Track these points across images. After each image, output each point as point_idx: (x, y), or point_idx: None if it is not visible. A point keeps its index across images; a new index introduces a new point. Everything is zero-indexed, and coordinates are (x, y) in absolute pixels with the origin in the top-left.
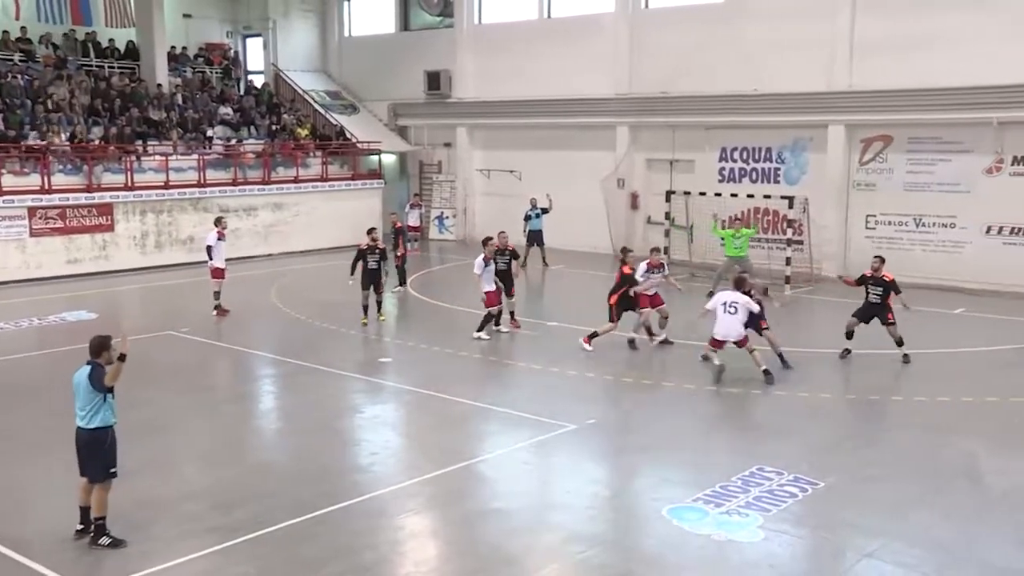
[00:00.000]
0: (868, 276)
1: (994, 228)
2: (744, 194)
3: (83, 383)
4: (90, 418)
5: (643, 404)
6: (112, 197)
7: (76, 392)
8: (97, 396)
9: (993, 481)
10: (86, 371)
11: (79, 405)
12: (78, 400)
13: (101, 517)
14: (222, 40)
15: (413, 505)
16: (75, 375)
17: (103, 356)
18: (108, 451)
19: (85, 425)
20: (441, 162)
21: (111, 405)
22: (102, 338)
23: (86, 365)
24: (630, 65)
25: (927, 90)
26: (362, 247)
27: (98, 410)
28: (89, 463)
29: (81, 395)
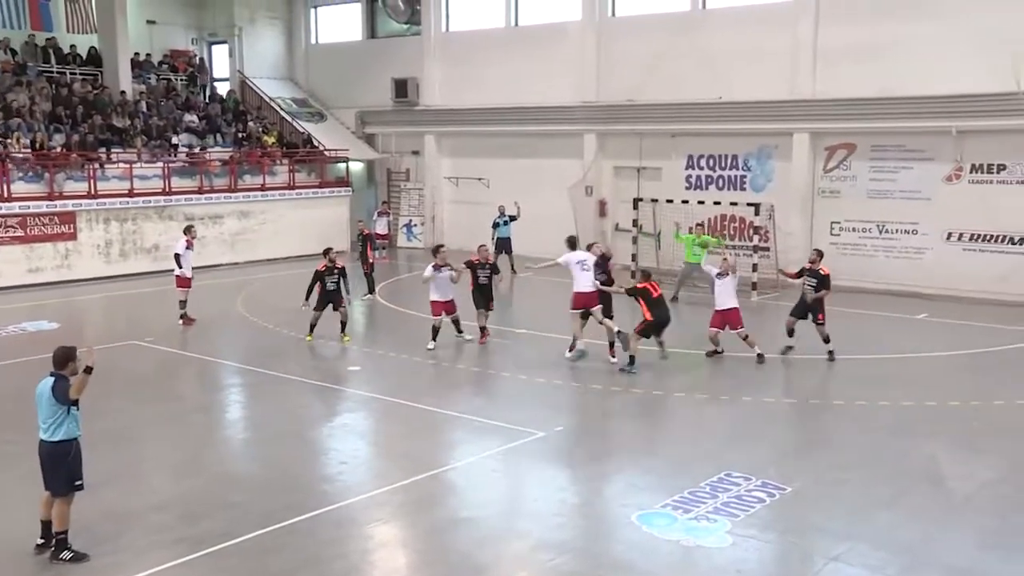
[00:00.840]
0: (806, 268)
1: (954, 235)
2: (711, 201)
3: (46, 395)
4: (53, 430)
5: (611, 411)
6: (75, 205)
7: (39, 404)
8: (60, 408)
9: (956, 484)
10: (49, 383)
11: (42, 417)
12: (41, 412)
13: (63, 531)
14: (187, 47)
15: (382, 514)
16: (38, 387)
17: (68, 368)
18: (72, 464)
19: (48, 438)
20: (409, 170)
21: (75, 417)
22: (66, 349)
23: (49, 376)
24: (597, 73)
25: (889, 99)
26: (320, 269)
27: (61, 422)
28: (52, 476)
29: (44, 407)
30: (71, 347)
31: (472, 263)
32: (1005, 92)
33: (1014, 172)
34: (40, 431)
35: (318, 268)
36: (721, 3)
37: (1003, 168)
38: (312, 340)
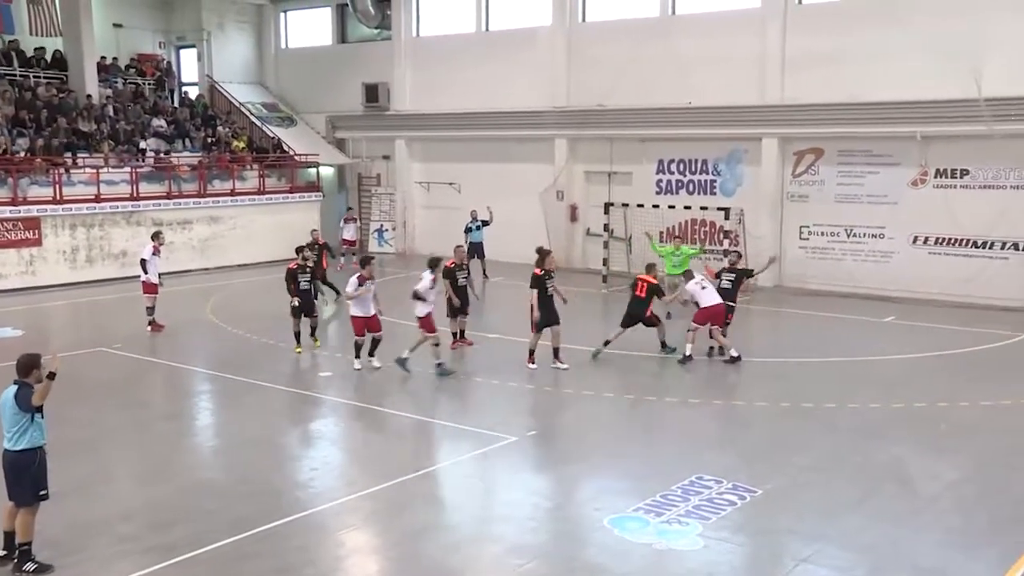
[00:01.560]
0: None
1: (920, 238)
2: (681, 205)
3: (9, 403)
4: (17, 439)
5: (583, 415)
6: (39, 211)
7: (2, 413)
8: (24, 416)
9: (922, 485)
10: (12, 391)
11: (5, 426)
12: (4, 421)
13: (27, 543)
14: (155, 51)
15: (354, 520)
16: (1, 396)
17: (32, 375)
18: (36, 473)
19: (12, 447)
20: (380, 175)
21: (40, 425)
22: (30, 356)
23: (13, 385)
24: (567, 78)
25: (855, 105)
26: (291, 267)
27: (25, 431)
28: (16, 486)
29: (7, 415)
30: (35, 354)
31: (450, 267)
32: (967, 99)
33: (977, 177)
34: (4, 440)
35: (290, 267)
36: (690, 9)
37: (966, 173)
38: (301, 350)
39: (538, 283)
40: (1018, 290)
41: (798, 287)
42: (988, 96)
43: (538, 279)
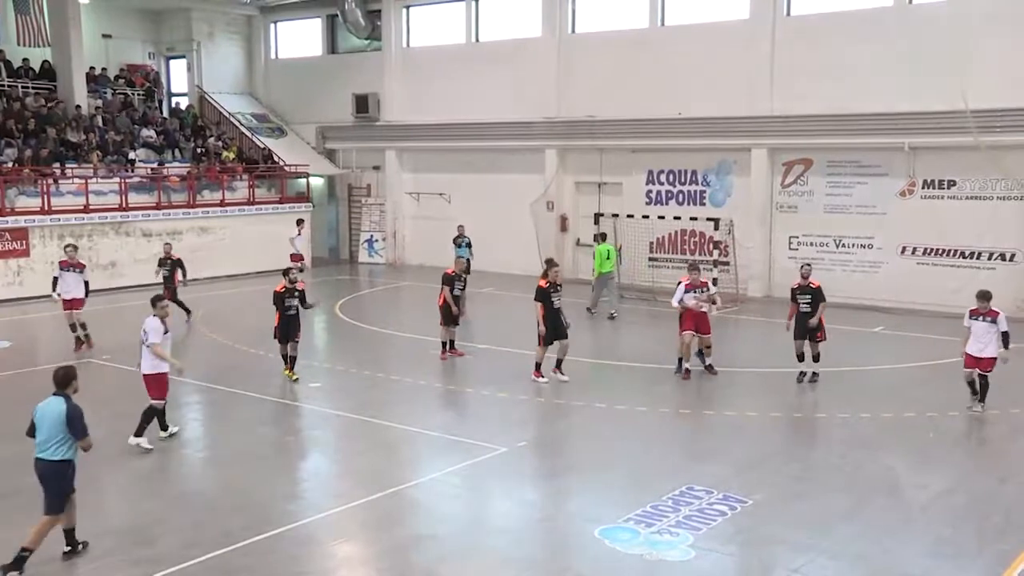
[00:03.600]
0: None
1: (908, 248)
2: (671, 216)
3: (56, 418)
4: (55, 449)
5: (574, 426)
6: (27, 221)
7: (40, 423)
8: (65, 431)
9: (912, 494)
10: (58, 407)
11: (43, 436)
12: (42, 431)
13: (30, 551)
14: (144, 61)
15: (344, 532)
16: (41, 406)
17: (70, 387)
18: (68, 483)
19: (49, 457)
20: (370, 185)
21: (73, 443)
22: (68, 368)
23: (53, 397)
24: (557, 89)
25: (844, 116)
26: (278, 290)
27: (62, 443)
28: (47, 494)
29: (48, 426)
30: (71, 366)
31: (449, 275)
32: (954, 111)
33: (964, 188)
34: (38, 450)
35: (276, 290)
36: (680, 20)
37: (953, 184)
38: (294, 375)
39: (543, 296)
40: (1005, 300)
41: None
42: (975, 108)
43: (543, 291)
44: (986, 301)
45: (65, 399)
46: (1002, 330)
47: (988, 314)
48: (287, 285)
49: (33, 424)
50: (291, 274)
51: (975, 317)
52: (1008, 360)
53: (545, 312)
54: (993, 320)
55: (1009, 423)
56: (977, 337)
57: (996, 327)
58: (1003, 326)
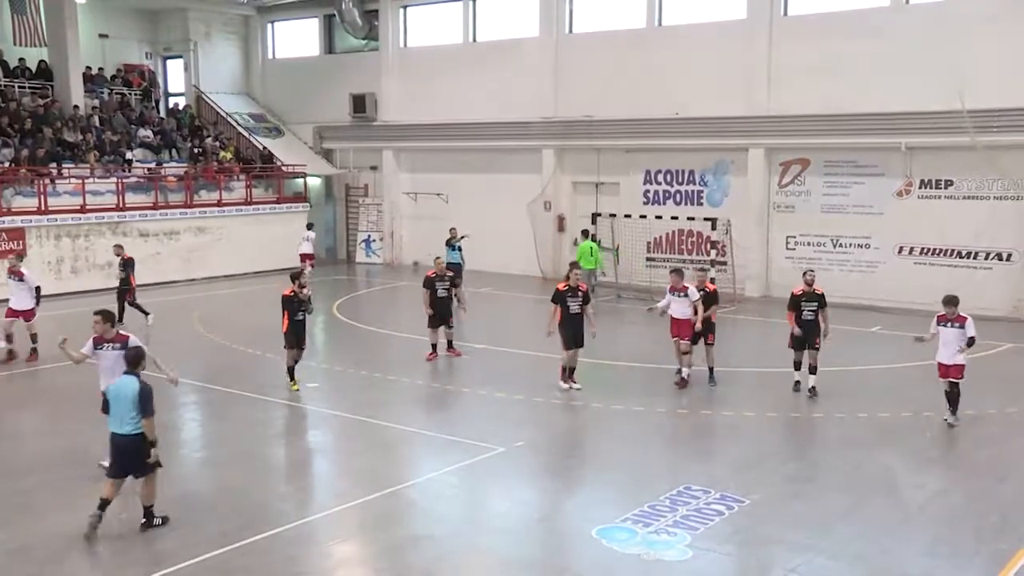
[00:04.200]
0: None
1: (905, 248)
2: (668, 216)
3: (129, 396)
4: (134, 425)
5: (571, 425)
6: (24, 221)
7: (115, 401)
8: (136, 410)
9: (909, 494)
10: (132, 386)
11: (119, 413)
12: (118, 408)
13: (151, 505)
14: (141, 61)
15: (341, 532)
16: (114, 385)
17: (140, 366)
18: (144, 450)
19: (129, 431)
20: (367, 185)
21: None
22: (138, 349)
23: (125, 375)
24: (555, 89)
25: (841, 116)
26: (287, 294)
27: (137, 418)
28: (134, 463)
29: (125, 405)
30: (141, 347)
31: (430, 277)
32: (950, 110)
33: (960, 188)
34: (115, 426)
35: (284, 294)
36: (676, 20)
37: (950, 184)
38: (295, 386)
39: (558, 298)
40: (1002, 300)
41: (785, 297)
42: (971, 108)
43: (559, 294)
44: (954, 307)
45: (137, 378)
46: (969, 335)
47: (956, 320)
48: (295, 290)
49: (107, 401)
50: (301, 278)
51: (943, 324)
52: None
53: (562, 316)
54: (962, 326)
55: (1006, 423)
56: (947, 344)
57: (964, 332)
58: (971, 331)
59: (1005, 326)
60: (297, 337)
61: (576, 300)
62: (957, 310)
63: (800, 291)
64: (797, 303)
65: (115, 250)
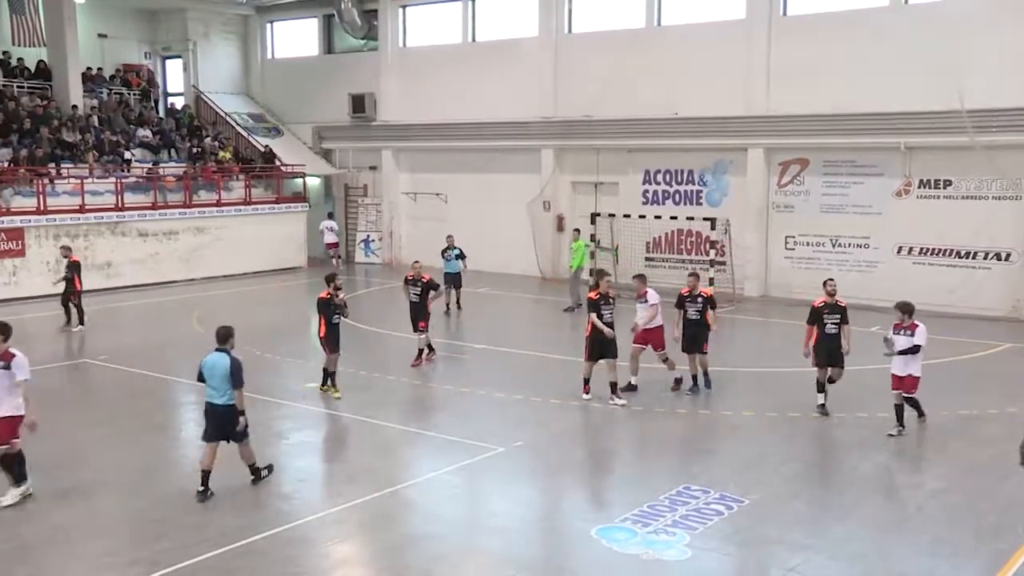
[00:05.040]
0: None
1: (904, 248)
2: (667, 216)
3: (221, 369)
4: (228, 396)
5: (571, 426)
6: (23, 221)
7: (210, 374)
8: (229, 383)
9: (908, 494)
10: (224, 360)
11: (214, 385)
12: (213, 381)
13: (254, 463)
14: (140, 61)
15: (340, 532)
16: (207, 360)
17: (229, 343)
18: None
19: (224, 401)
20: (367, 185)
21: None
22: (227, 327)
23: (216, 352)
24: (554, 89)
25: (840, 115)
26: (323, 297)
27: (230, 389)
28: (228, 429)
29: (217, 378)
30: (230, 325)
31: (406, 279)
32: (950, 110)
33: (959, 188)
34: (211, 397)
35: (321, 297)
36: (676, 20)
37: (949, 184)
38: (336, 392)
39: (594, 307)
40: (1000, 300)
41: (784, 297)
42: (970, 108)
43: (594, 303)
44: (907, 314)
45: (227, 353)
46: (915, 343)
47: (909, 328)
48: (332, 292)
49: (201, 374)
50: (336, 280)
51: (897, 331)
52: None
53: (595, 326)
54: (912, 334)
55: (1005, 422)
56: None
57: (914, 341)
58: (920, 340)
59: (1004, 326)
60: (335, 340)
61: (609, 308)
62: (910, 318)
63: (821, 302)
64: (819, 316)
65: (62, 251)
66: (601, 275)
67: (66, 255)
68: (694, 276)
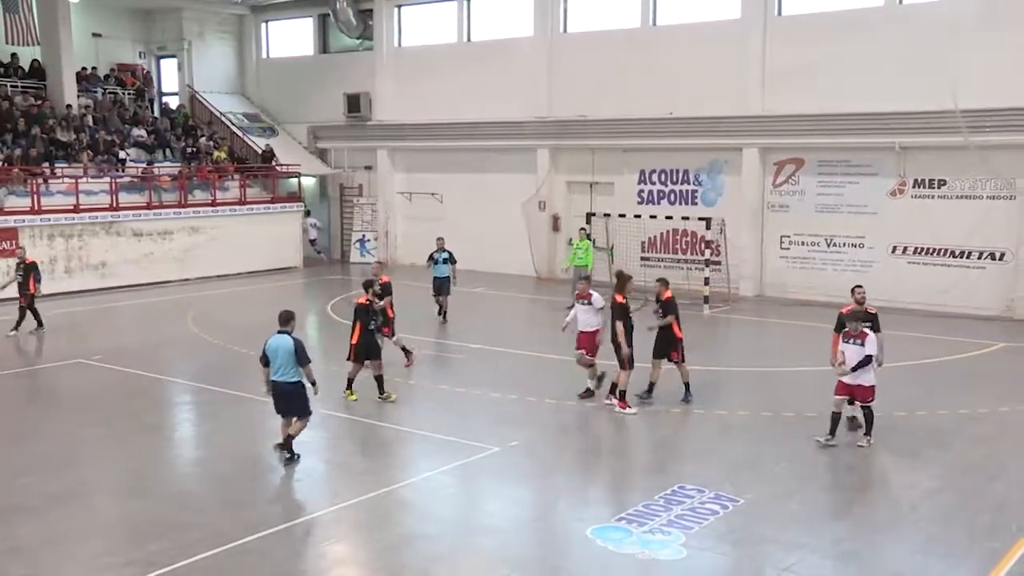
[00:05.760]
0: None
1: (899, 248)
2: (663, 216)
3: (286, 349)
4: (293, 374)
5: (566, 425)
6: (17, 221)
7: (274, 355)
8: (294, 360)
9: (902, 493)
10: (287, 341)
11: (279, 364)
12: (277, 361)
13: (293, 437)
14: (135, 61)
15: (337, 532)
16: (272, 340)
17: (290, 325)
18: (305, 396)
19: (290, 379)
20: (362, 185)
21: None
22: (289, 311)
23: (279, 334)
24: (549, 89)
25: (834, 115)
26: (362, 303)
27: (292, 368)
28: (295, 405)
29: (282, 357)
30: (291, 310)
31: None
32: (944, 110)
33: (954, 187)
34: (277, 375)
35: (358, 302)
36: (671, 20)
37: (944, 183)
38: (356, 397)
39: (624, 313)
40: (995, 299)
41: (779, 297)
42: (964, 108)
43: (623, 308)
44: (856, 321)
45: (289, 335)
46: (867, 352)
47: (859, 336)
48: (371, 298)
49: (265, 355)
50: (375, 287)
51: (848, 340)
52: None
53: (626, 331)
54: (862, 343)
55: (998, 421)
56: (850, 362)
57: (864, 351)
58: (870, 349)
59: (998, 325)
60: (368, 348)
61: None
62: (860, 325)
63: (849, 310)
64: (845, 324)
65: (18, 253)
66: (627, 279)
67: (21, 257)
68: (661, 282)
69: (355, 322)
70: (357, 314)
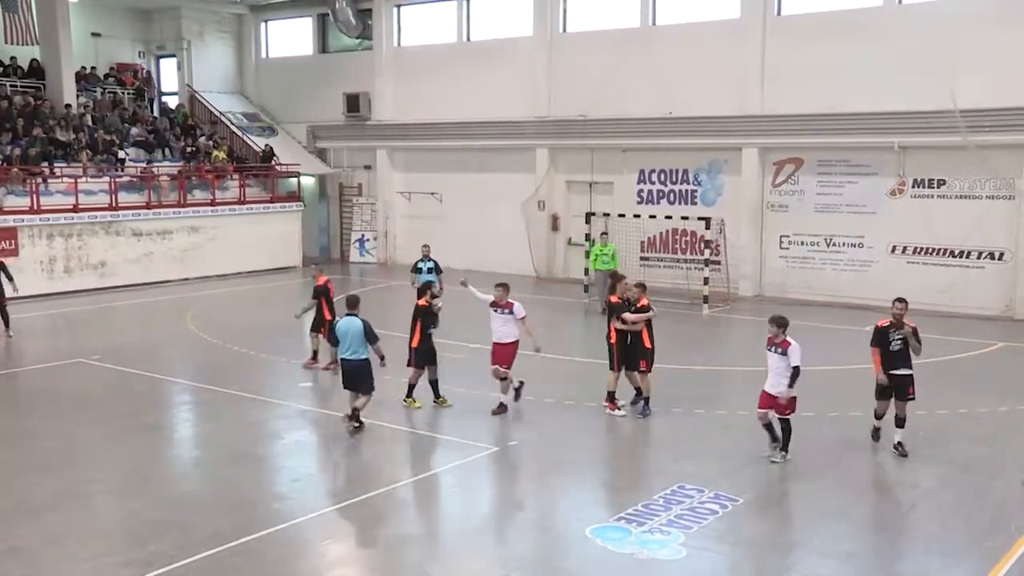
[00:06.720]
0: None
1: (898, 248)
2: (662, 215)
3: (355, 330)
4: (362, 352)
5: (565, 425)
6: (16, 221)
7: (343, 336)
8: (363, 339)
9: (902, 493)
10: (356, 323)
11: (348, 343)
12: (346, 341)
13: (358, 410)
14: (134, 60)
15: (335, 532)
16: (340, 324)
17: (357, 308)
18: (370, 374)
19: (359, 357)
20: (361, 184)
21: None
22: (355, 295)
23: (347, 316)
24: (549, 88)
25: (834, 115)
26: (422, 305)
27: (362, 346)
28: (362, 382)
29: (351, 337)
30: (357, 294)
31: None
32: (943, 110)
33: (953, 187)
34: (347, 353)
35: (419, 304)
36: (671, 20)
37: (943, 183)
38: (419, 404)
39: (620, 314)
40: (994, 299)
41: (778, 296)
42: (963, 108)
43: (618, 308)
44: (779, 328)
45: (357, 316)
46: (792, 364)
47: (781, 345)
48: (429, 300)
49: (335, 335)
50: (433, 288)
51: (769, 347)
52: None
53: (619, 334)
54: (784, 352)
55: (998, 421)
56: (772, 371)
57: (787, 360)
58: (794, 360)
59: (997, 325)
60: (430, 353)
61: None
62: (783, 332)
63: (887, 323)
64: (885, 337)
65: None
66: (619, 279)
67: None
68: (639, 286)
69: (414, 325)
70: (418, 316)
